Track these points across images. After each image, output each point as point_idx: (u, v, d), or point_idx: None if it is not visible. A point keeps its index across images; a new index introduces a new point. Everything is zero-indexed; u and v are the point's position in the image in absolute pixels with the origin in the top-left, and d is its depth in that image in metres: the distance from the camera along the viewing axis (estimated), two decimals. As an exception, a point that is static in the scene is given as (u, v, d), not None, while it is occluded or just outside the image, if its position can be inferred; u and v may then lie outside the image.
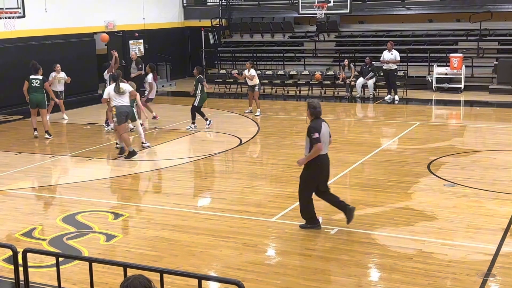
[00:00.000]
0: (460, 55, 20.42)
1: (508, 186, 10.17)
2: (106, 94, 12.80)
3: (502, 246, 7.67)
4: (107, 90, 12.83)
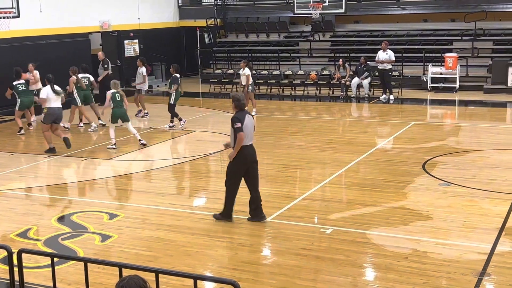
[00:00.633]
0: (455, 54, 20.46)
1: (503, 186, 10.20)
2: (44, 94, 13.22)
3: (497, 245, 7.69)
4: (45, 91, 13.26)
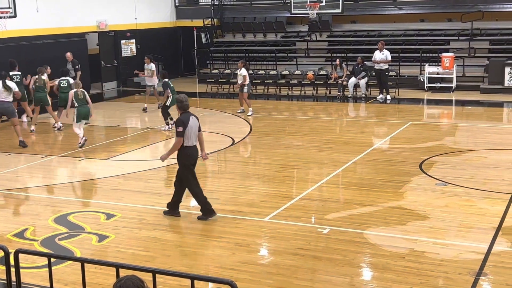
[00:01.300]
0: (452, 54, 20.48)
1: (500, 185, 10.21)
2: None
3: (493, 245, 7.70)
4: None
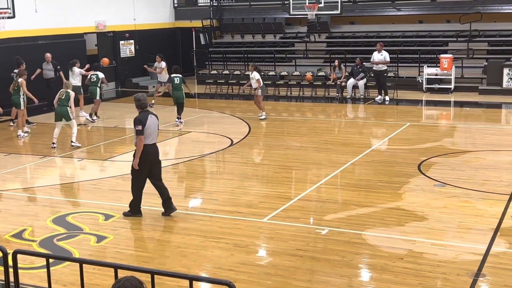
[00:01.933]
0: (450, 56, 20.51)
1: (498, 186, 10.22)
2: None
3: (492, 246, 7.71)
4: None
